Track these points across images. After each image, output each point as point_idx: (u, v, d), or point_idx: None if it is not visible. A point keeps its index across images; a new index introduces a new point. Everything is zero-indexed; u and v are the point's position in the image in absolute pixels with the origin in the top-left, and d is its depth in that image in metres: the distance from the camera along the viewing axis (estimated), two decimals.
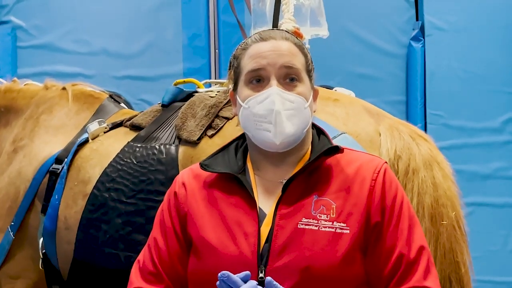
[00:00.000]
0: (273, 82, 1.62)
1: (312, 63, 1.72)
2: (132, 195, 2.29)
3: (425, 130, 4.31)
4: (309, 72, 1.69)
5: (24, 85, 2.95)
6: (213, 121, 2.32)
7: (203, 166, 1.71)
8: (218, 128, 2.30)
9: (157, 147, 2.33)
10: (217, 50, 4.29)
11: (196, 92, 2.55)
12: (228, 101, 2.37)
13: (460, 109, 4.30)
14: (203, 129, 2.30)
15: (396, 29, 4.38)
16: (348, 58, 4.31)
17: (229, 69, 1.75)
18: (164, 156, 2.30)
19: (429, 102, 4.30)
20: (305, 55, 1.69)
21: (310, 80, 1.69)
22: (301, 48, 1.69)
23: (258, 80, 1.65)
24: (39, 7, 4.13)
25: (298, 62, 1.66)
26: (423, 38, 4.32)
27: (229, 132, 2.26)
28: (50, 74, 3.98)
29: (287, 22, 2.58)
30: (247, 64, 1.66)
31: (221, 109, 2.35)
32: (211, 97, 2.42)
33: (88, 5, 4.22)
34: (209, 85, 2.69)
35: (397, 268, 1.59)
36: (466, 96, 4.30)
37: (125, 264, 2.26)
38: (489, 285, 4.28)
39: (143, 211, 2.26)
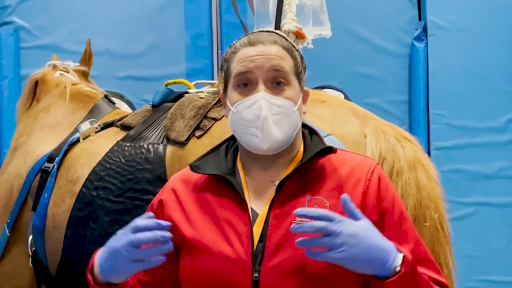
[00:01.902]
0: (261, 86, 1.63)
1: (302, 64, 1.72)
2: (120, 193, 2.30)
3: (428, 130, 4.31)
4: (298, 74, 1.69)
5: (59, 73, 2.97)
6: (201, 121, 2.33)
7: (193, 167, 1.72)
8: (206, 129, 2.31)
9: (145, 146, 2.34)
10: (219, 51, 4.30)
11: (187, 93, 2.56)
12: (217, 102, 2.39)
13: (463, 108, 4.30)
14: (191, 129, 2.31)
15: (398, 29, 4.38)
16: (351, 58, 4.31)
17: (220, 70, 1.75)
18: (152, 155, 2.31)
19: (432, 101, 4.30)
20: (294, 58, 1.69)
21: (300, 82, 1.69)
22: (290, 51, 1.69)
23: (246, 84, 1.65)
24: (41, 8, 4.14)
25: (287, 65, 1.66)
26: (426, 38, 4.32)
27: (217, 133, 2.28)
28: None
29: (289, 22, 2.57)
30: (235, 68, 1.66)
31: (209, 110, 2.36)
32: (201, 98, 2.43)
33: (90, 6, 4.23)
34: (200, 86, 2.70)
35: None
36: (469, 95, 4.30)
37: None
38: (492, 285, 4.28)
39: (130, 210, 2.28)
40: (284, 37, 1.71)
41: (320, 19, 2.72)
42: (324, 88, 2.58)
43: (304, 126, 1.76)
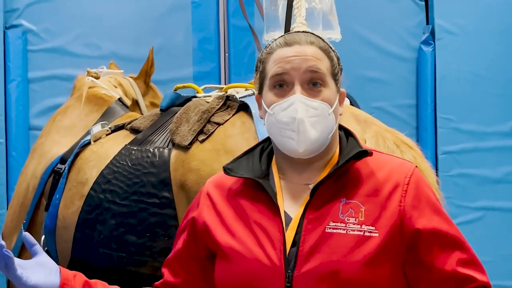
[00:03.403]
0: (297, 88, 1.61)
1: (339, 65, 1.69)
2: (126, 196, 2.31)
3: (435, 134, 4.31)
4: (334, 76, 1.66)
5: (88, 78, 3.05)
6: (204, 126, 2.34)
7: (226, 169, 1.71)
8: (209, 133, 2.32)
9: (151, 150, 2.36)
10: (227, 54, 4.30)
11: (195, 97, 2.57)
12: (221, 107, 2.39)
13: (471, 113, 4.29)
14: (195, 134, 2.32)
15: (406, 32, 4.38)
16: (359, 62, 4.30)
17: (255, 72, 1.74)
18: (157, 159, 2.32)
19: (440, 105, 4.29)
20: (331, 59, 1.66)
21: (336, 83, 1.67)
22: (326, 51, 1.66)
23: (282, 85, 1.64)
24: (49, 11, 4.14)
25: (323, 66, 1.63)
26: (434, 41, 4.32)
27: (220, 138, 2.29)
28: (61, 78, 4.01)
29: (299, 26, 2.56)
30: (271, 69, 1.65)
31: (213, 115, 2.37)
32: (207, 102, 2.44)
33: (98, 9, 4.23)
34: (209, 90, 2.70)
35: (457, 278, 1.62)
36: (477, 100, 4.29)
37: (117, 264, 2.31)
38: None
39: (135, 213, 2.29)
40: (320, 38, 1.68)
41: (330, 23, 2.71)
42: None
43: (340, 128, 1.74)
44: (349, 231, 1.57)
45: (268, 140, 1.76)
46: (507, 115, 4.31)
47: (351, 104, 2.56)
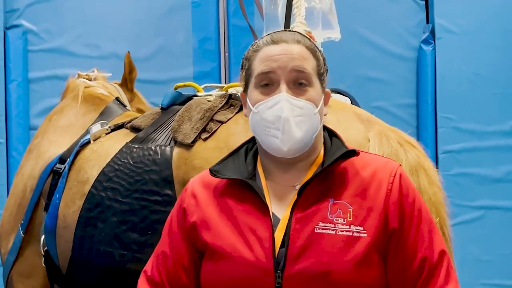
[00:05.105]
0: (283, 87, 1.61)
1: (324, 65, 1.69)
2: (127, 194, 2.32)
3: (436, 133, 4.31)
4: (320, 76, 1.66)
5: (80, 80, 3.05)
6: (207, 124, 2.35)
7: (212, 172, 1.70)
8: (212, 131, 2.32)
9: (153, 148, 2.36)
10: (227, 54, 4.31)
11: (196, 96, 2.57)
12: (223, 105, 2.39)
13: (471, 112, 4.30)
14: (198, 132, 2.33)
15: (406, 32, 4.38)
16: (359, 62, 4.31)
17: (241, 69, 1.73)
18: (159, 157, 2.33)
19: (440, 105, 4.30)
20: (317, 59, 1.67)
21: (321, 83, 1.67)
22: (313, 51, 1.66)
23: (268, 83, 1.63)
24: (49, 11, 4.14)
25: (309, 66, 1.63)
26: (434, 41, 4.32)
27: (222, 136, 2.29)
28: (61, 78, 4.00)
29: (298, 25, 2.57)
30: (258, 67, 1.64)
31: (216, 113, 2.37)
32: (209, 101, 2.45)
33: (98, 9, 4.23)
34: (209, 89, 2.71)
35: (420, 272, 1.60)
36: (477, 99, 4.30)
37: (119, 262, 2.31)
38: None
39: (137, 210, 2.29)
40: (307, 37, 1.68)
41: (329, 22, 2.71)
42: (332, 92, 2.58)
43: (324, 128, 1.73)
44: (338, 232, 1.57)
45: (252, 140, 1.75)
46: (507, 114, 4.32)
47: (351, 103, 2.56)
